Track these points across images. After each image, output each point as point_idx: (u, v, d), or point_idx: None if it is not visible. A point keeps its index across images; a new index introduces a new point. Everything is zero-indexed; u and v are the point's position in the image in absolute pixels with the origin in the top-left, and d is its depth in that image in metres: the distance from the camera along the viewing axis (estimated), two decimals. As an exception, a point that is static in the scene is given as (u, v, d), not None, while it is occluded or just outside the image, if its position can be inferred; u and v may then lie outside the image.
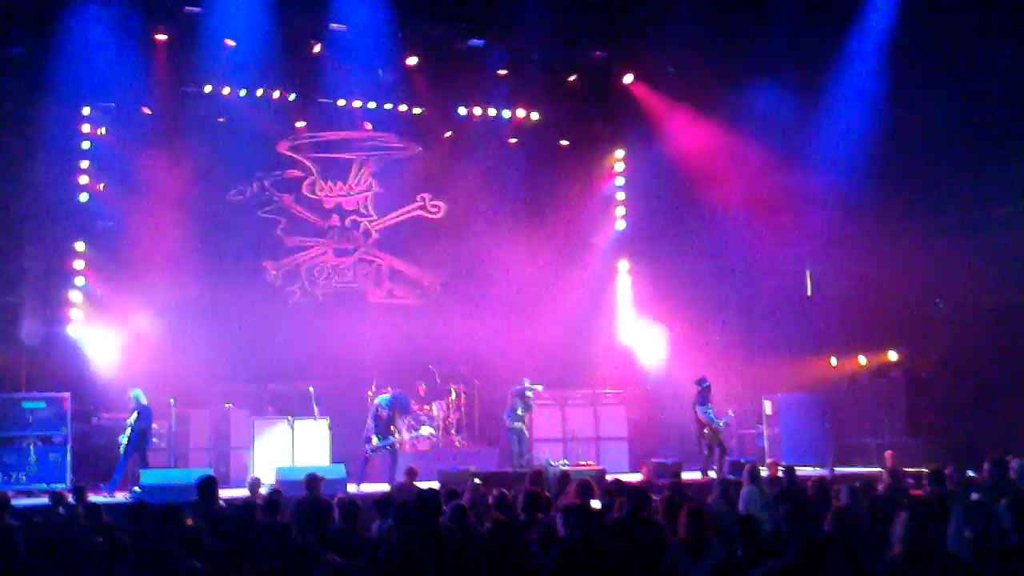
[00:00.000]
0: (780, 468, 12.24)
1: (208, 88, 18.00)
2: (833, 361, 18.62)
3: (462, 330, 18.69)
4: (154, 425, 15.05)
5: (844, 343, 18.30)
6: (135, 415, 14.40)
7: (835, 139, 17.61)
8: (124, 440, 14.31)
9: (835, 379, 18.56)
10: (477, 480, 11.53)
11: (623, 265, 20.62)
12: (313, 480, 11.23)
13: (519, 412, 16.15)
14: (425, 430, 17.42)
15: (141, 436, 14.39)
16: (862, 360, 18.30)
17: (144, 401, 14.56)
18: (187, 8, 16.86)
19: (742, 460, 14.66)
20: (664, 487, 11.08)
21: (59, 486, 13.36)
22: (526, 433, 16.37)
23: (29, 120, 16.58)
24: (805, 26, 17.25)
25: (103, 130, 17.71)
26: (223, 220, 18.50)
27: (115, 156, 17.62)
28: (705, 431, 15.80)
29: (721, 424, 15.85)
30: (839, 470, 15.65)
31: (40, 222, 16.86)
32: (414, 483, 12.22)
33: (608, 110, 20.09)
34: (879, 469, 13.70)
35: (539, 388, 16.52)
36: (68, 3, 16.10)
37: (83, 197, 17.43)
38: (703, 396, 15.98)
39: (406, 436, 15.87)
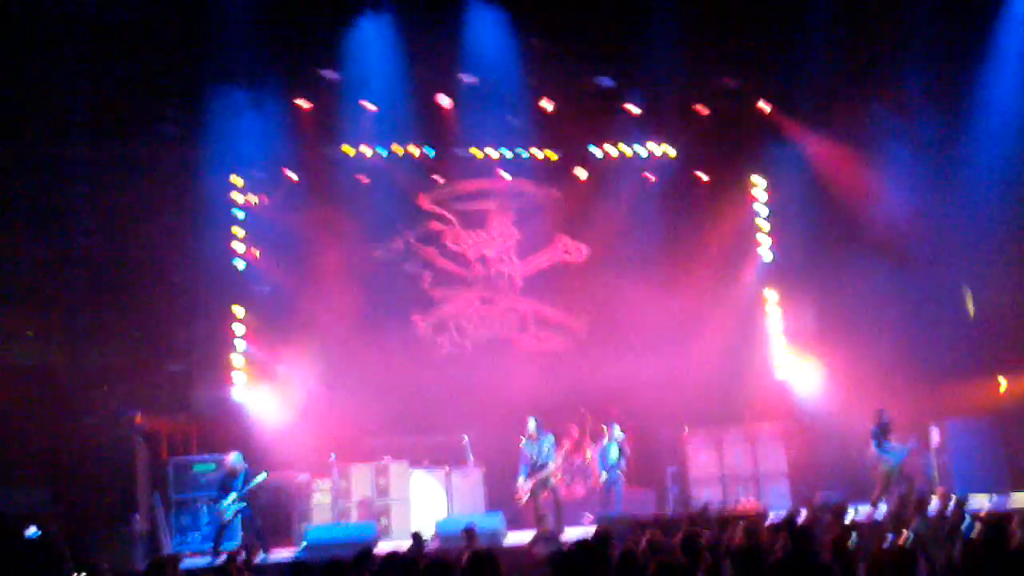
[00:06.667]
0: (953, 499, 11.71)
1: (349, 149, 18.57)
2: (1003, 382, 17.76)
3: (612, 372, 18.52)
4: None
5: (1013, 363, 17.44)
6: (263, 475, 14.79)
7: (988, 152, 16.99)
8: (238, 504, 14.61)
9: (1006, 401, 17.69)
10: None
11: (772, 296, 20.17)
12: (470, 532, 11.40)
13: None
14: None
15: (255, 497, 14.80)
16: (1034, 381, 17.41)
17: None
18: (325, 73, 17.52)
19: (910, 496, 14.07)
20: (828, 525, 10.75)
21: (231, 545, 13.83)
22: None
23: (185, 193, 17.41)
24: (945, 34, 16.81)
25: (254, 198, 18.43)
26: (371, 277, 18.89)
27: (267, 222, 18.30)
28: (881, 467, 15.33)
29: (899, 455, 15.35)
30: (1016, 497, 14.90)
31: (201, 291, 17.63)
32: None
33: (745, 138, 19.78)
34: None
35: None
36: (215, 79, 16.93)
37: (240, 264, 18.16)
38: (877, 428, 15.48)
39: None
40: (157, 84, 16.94)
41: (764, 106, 19.20)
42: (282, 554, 14.54)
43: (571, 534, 12.47)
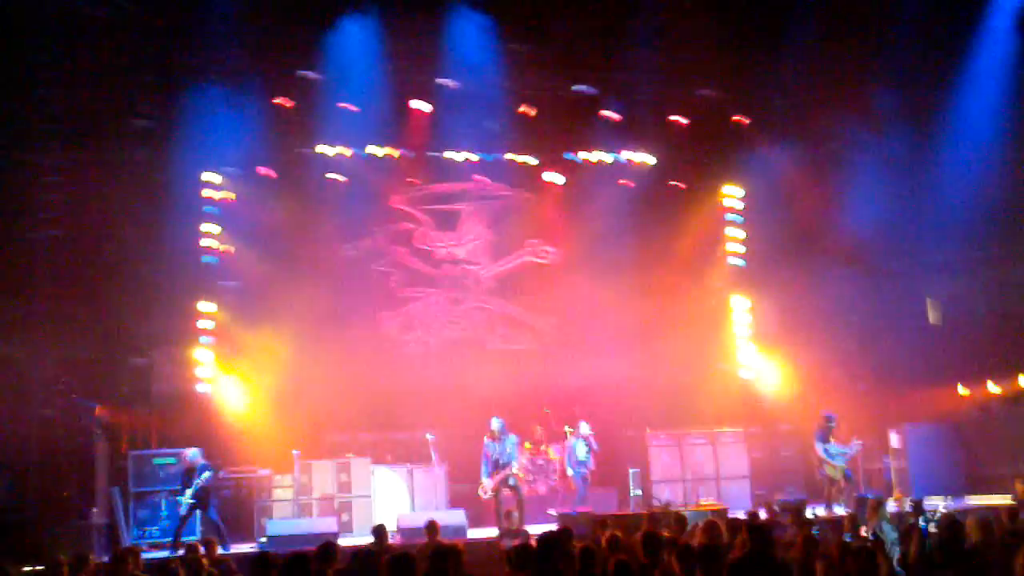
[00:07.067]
0: (908, 501, 11.87)
1: (323, 149, 18.53)
2: (961, 389, 18.00)
3: (577, 373, 18.62)
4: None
5: (972, 370, 17.70)
6: (206, 474, 14.69)
7: (955, 167, 17.25)
8: (187, 499, 14.55)
9: (965, 408, 17.93)
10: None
11: (740, 300, 20.31)
12: (432, 527, 11.42)
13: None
14: None
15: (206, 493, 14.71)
16: (992, 387, 17.64)
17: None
18: (303, 73, 17.50)
19: (868, 495, 14.25)
20: (787, 525, 10.87)
21: (190, 539, 13.75)
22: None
23: (156, 188, 17.26)
24: (918, 53, 17.07)
25: (226, 194, 18.34)
26: (340, 274, 18.86)
27: (237, 218, 18.18)
28: (824, 468, 15.59)
29: (845, 456, 15.59)
30: (972, 502, 15.10)
31: (168, 285, 17.49)
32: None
33: (720, 148, 19.88)
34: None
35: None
36: (191, 75, 16.87)
37: (208, 259, 18.06)
38: (822, 432, 15.72)
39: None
40: (132, 79, 16.86)
41: (739, 118, 19.33)
42: (242, 548, 14.47)
43: (534, 531, 12.47)
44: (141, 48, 16.50)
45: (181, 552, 11.79)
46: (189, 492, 14.47)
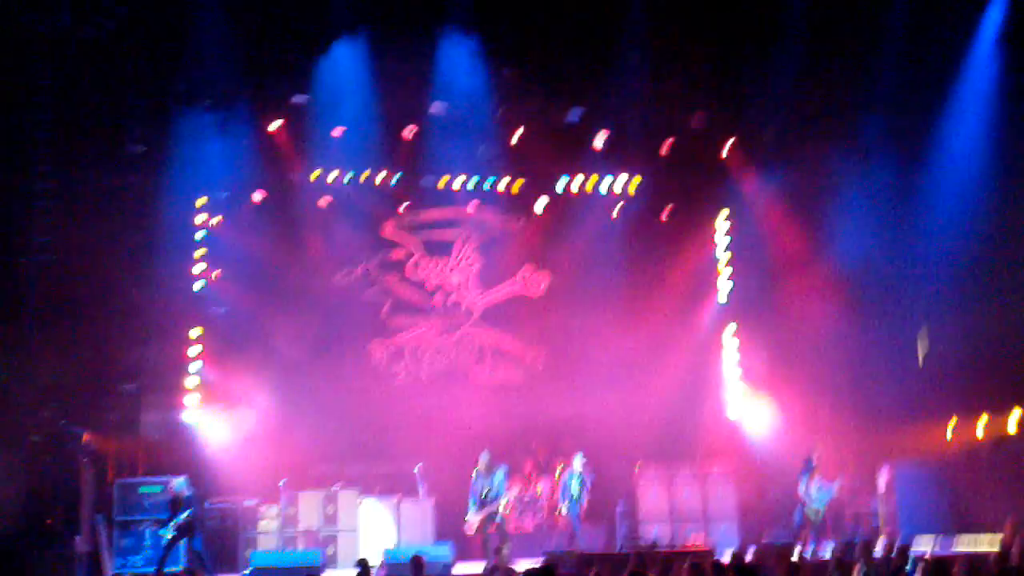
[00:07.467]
0: (896, 546, 11.80)
1: (315, 174, 18.55)
2: (951, 427, 17.94)
3: (566, 406, 18.52)
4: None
5: (962, 408, 17.62)
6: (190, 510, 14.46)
7: (944, 199, 17.26)
8: (171, 530, 14.30)
9: (954, 446, 17.85)
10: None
11: (728, 334, 20.25)
12: (416, 562, 11.34)
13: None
14: None
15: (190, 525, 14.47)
16: (982, 424, 17.57)
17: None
18: (293, 98, 17.53)
19: (855, 540, 14.15)
20: (773, 567, 10.80)
21: (174, 569, 13.65)
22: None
23: (147, 213, 17.28)
24: (905, 82, 17.16)
25: (216, 219, 18.33)
26: (331, 303, 18.85)
27: (227, 244, 18.20)
28: (803, 508, 15.52)
29: (826, 496, 15.51)
30: (961, 541, 15.00)
31: (157, 311, 17.49)
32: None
33: (708, 177, 19.83)
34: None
35: None
36: (182, 101, 16.91)
37: (198, 285, 18.02)
38: (804, 470, 15.67)
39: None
40: (124, 104, 16.92)
41: (727, 146, 19.37)
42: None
43: (521, 568, 12.38)
44: (133, 74, 16.57)
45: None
46: (173, 523, 14.33)
